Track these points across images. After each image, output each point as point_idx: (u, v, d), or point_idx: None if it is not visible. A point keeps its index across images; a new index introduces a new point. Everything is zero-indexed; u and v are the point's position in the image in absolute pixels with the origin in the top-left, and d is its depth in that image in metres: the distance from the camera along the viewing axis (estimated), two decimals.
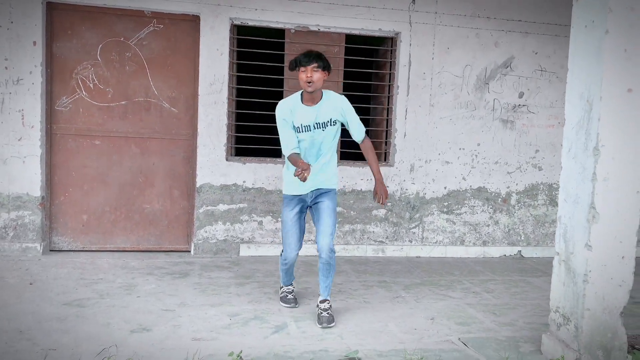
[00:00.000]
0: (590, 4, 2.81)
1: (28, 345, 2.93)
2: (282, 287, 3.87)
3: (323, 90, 3.47)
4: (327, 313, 3.47)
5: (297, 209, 3.56)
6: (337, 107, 3.47)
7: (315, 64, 3.33)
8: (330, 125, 3.46)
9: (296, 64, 3.38)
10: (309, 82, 3.33)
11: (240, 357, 2.80)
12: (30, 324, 3.25)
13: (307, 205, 3.60)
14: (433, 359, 2.93)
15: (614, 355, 2.84)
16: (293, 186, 3.51)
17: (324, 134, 3.47)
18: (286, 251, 3.62)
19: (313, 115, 3.42)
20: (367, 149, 3.60)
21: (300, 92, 3.48)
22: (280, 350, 2.99)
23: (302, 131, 3.44)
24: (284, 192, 3.63)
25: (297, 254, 3.63)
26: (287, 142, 3.43)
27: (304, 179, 3.12)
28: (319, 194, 3.53)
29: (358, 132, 3.56)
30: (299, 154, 3.41)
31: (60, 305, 3.60)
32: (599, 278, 2.81)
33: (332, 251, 3.45)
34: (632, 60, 2.73)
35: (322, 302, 3.53)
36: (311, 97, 3.42)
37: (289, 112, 3.43)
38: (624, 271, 2.84)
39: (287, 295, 3.82)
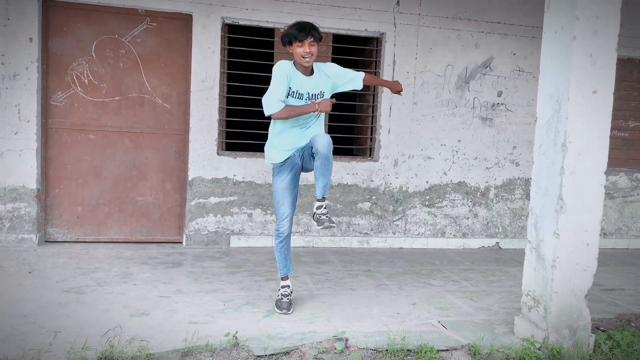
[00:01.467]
0: (559, 12, 3.06)
1: (34, 328, 3.10)
2: (280, 287, 3.66)
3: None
4: (326, 216, 3.41)
5: (289, 175, 3.53)
6: (327, 76, 3.53)
7: (312, 38, 3.34)
8: (320, 97, 3.51)
9: (290, 39, 3.35)
10: (306, 58, 3.34)
11: (236, 338, 3.00)
12: (33, 309, 3.41)
13: (299, 166, 3.55)
14: (414, 338, 3.16)
15: (579, 334, 3.11)
16: (279, 152, 3.52)
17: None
18: (279, 219, 3.52)
19: (308, 86, 3.45)
20: (372, 79, 3.86)
21: (292, 62, 3.46)
22: (273, 332, 3.20)
23: (294, 97, 3.42)
24: (272, 162, 3.58)
25: (291, 223, 3.55)
26: (278, 95, 3.35)
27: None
28: (305, 146, 3.51)
29: (357, 79, 3.67)
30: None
31: (60, 292, 3.76)
32: (566, 264, 3.07)
33: (330, 144, 3.32)
34: (597, 64, 2.99)
35: (319, 200, 3.43)
36: (305, 69, 3.45)
37: (290, 72, 3.40)
38: (588, 257, 3.10)
39: (282, 299, 3.61)
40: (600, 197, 3.08)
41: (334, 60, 5.62)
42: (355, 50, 5.96)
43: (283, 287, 3.66)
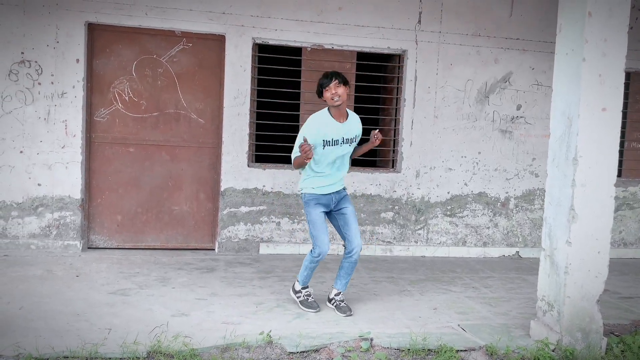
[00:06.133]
0: (570, 35, 3.28)
1: (86, 325, 3.42)
2: (300, 290, 4.02)
3: (347, 110, 3.86)
4: (345, 303, 3.96)
5: (323, 210, 3.87)
6: (358, 127, 3.92)
7: (337, 81, 3.71)
8: (355, 141, 3.89)
9: (321, 88, 3.75)
10: (335, 98, 3.68)
11: (269, 336, 3.27)
12: (84, 308, 3.74)
13: (330, 210, 3.91)
14: (435, 339, 3.38)
15: (591, 337, 3.29)
16: (322, 186, 3.84)
17: (349, 148, 3.88)
18: (320, 247, 3.80)
19: (343, 131, 3.78)
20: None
21: (326, 109, 3.82)
22: (303, 332, 3.45)
23: (330, 145, 3.76)
24: (309, 192, 3.85)
25: (328, 249, 3.86)
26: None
27: (308, 156, 3.57)
28: (340, 198, 3.91)
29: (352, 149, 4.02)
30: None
31: (106, 294, 4.09)
32: (577, 270, 3.27)
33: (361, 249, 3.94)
34: (606, 83, 3.20)
35: (338, 294, 3.99)
36: (339, 114, 3.77)
37: (323, 125, 3.74)
38: (599, 264, 3.29)
39: (308, 299, 4.00)
40: (610, 208, 3.27)
41: (358, 77, 5.92)
42: (378, 67, 6.23)
43: (306, 290, 4.04)
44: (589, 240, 3.25)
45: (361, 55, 5.90)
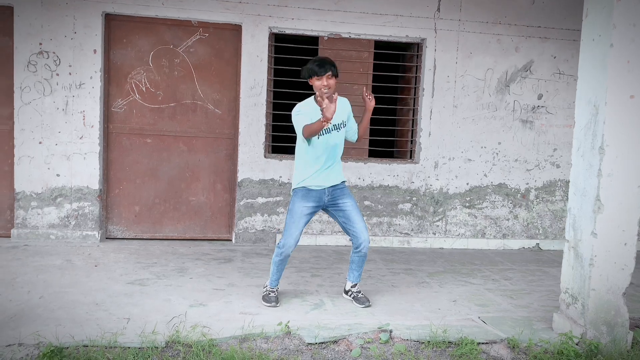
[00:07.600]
0: (597, 20, 3.18)
1: (105, 315, 3.43)
2: (267, 285, 3.87)
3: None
4: (363, 294, 3.92)
5: (311, 205, 3.68)
6: (345, 109, 3.74)
7: (330, 72, 3.56)
8: (343, 127, 3.72)
9: (310, 74, 3.61)
10: (324, 90, 3.56)
11: (288, 327, 3.24)
12: (103, 298, 3.75)
13: (323, 206, 3.75)
14: (455, 332, 3.34)
15: (616, 330, 3.21)
16: (314, 181, 3.66)
17: (339, 135, 3.70)
18: (287, 239, 3.67)
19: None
20: (362, 128, 3.83)
21: (312, 98, 3.70)
22: (321, 323, 3.42)
23: (323, 134, 3.63)
24: (299, 185, 3.68)
25: (294, 248, 3.75)
26: (304, 124, 3.53)
27: (331, 113, 3.23)
28: (336, 190, 3.72)
29: (355, 132, 3.86)
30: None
31: (125, 284, 4.10)
32: (603, 262, 3.18)
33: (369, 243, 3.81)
34: (634, 70, 3.10)
35: (354, 286, 3.95)
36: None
37: (308, 110, 3.63)
38: (626, 256, 3.20)
39: (270, 294, 3.80)
40: (637, 198, 3.17)
41: (376, 66, 5.84)
42: (396, 56, 6.14)
43: (272, 290, 3.83)
44: (615, 231, 3.17)
45: (379, 44, 5.82)
